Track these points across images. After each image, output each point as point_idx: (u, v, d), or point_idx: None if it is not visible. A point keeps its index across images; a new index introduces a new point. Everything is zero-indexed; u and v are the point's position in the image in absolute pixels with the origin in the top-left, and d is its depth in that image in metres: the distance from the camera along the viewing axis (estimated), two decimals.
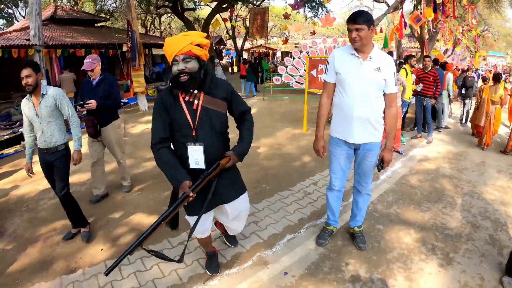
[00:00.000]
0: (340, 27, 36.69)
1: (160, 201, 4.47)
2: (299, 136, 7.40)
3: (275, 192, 4.57)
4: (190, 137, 2.25)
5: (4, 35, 11.16)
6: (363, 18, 2.63)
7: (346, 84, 2.81)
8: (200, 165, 2.27)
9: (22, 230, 3.94)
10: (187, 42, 2.13)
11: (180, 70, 2.13)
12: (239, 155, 2.38)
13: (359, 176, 3.18)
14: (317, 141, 3.07)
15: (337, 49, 3.01)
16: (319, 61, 7.18)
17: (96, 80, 4.22)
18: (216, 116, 2.30)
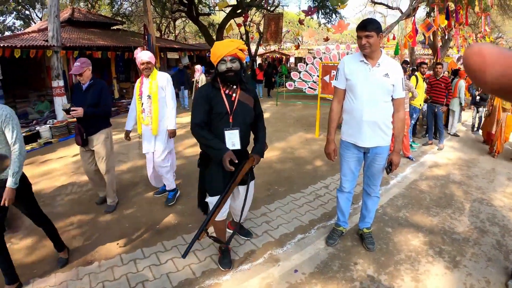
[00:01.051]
0: (353, 33, 36.65)
1: (177, 198, 4.59)
2: (312, 140, 7.51)
3: (287, 194, 4.67)
4: (227, 123, 2.67)
5: (22, 35, 11.43)
6: (372, 26, 2.75)
7: (356, 89, 2.92)
8: (236, 146, 2.71)
9: None
10: (234, 46, 2.61)
11: (228, 68, 2.60)
12: (260, 154, 2.86)
13: (368, 178, 3.27)
14: (328, 144, 3.18)
15: (346, 56, 3.13)
16: (332, 67, 7.27)
17: (86, 85, 4.00)
18: (248, 109, 2.77)
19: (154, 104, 4.12)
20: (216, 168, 2.78)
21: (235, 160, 2.52)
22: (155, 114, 4.13)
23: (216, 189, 2.80)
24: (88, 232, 3.85)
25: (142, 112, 4.20)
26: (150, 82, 4.12)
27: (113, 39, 14.65)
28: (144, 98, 4.15)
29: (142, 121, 4.22)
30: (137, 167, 5.95)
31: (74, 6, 17.04)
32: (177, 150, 6.90)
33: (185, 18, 26.76)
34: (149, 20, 10.64)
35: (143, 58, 4.04)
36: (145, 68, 4.07)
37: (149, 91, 4.12)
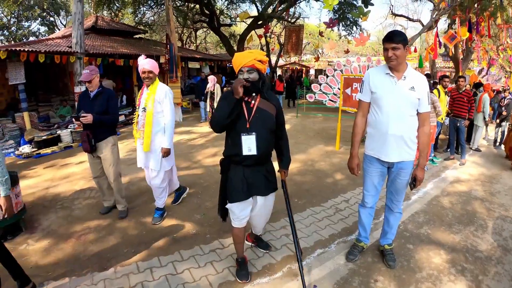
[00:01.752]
0: (374, 45, 36.56)
1: (193, 209, 4.56)
2: (332, 153, 7.42)
3: (307, 207, 4.59)
4: (245, 128, 2.67)
5: (47, 41, 11.67)
6: (399, 37, 2.70)
7: (381, 103, 2.86)
8: (252, 151, 2.69)
9: (56, 226, 4.11)
10: (252, 58, 2.66)
11: (245, 79, 2.63)
12: (287, 168, 3.02)
13: (391, 194, 3.18)
14: (352, 159, 3.10)
15: (371, 68, 3.10)
16: (353, 79, 7.19)
17: (93, 92, 4.03)
18: (268, 116, 2.75)
19: (148, 118, 3.88)
20: (236, 175, 2.79)
21: (246, 84, 2.58)
22: (147, 129, 3.89)
23: (235, 196, 2.79)
24: (104, 237, 3.83)
25: (137, 124, 4.02)
26: (148, 94, 3.93)
27: (135, 48, 14.85)
28: (141, 110, 3.95)
29: (135, 134, 4.05)
30: None
31: (98, 15, 17.35)
32: (196, 159, 6.97)
33: (207, 29, 27.06)
34: (172, 30, 10.73)
35: (145, 66, 3.85)
36: (146, 78, 3.88)
37: (145, 103, 3.90)
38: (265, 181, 2.88)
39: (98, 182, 4.40)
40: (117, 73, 14.78)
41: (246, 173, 2.79)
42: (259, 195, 2.90)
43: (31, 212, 4.45)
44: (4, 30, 28.07)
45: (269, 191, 2.93)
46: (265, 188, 2.88)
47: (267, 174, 2.90)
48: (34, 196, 5.10)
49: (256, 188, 2.84)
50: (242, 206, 2.85)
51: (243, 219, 2.92)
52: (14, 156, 7.76)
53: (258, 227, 3.29)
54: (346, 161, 6.19)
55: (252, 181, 2.80)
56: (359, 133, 3.08)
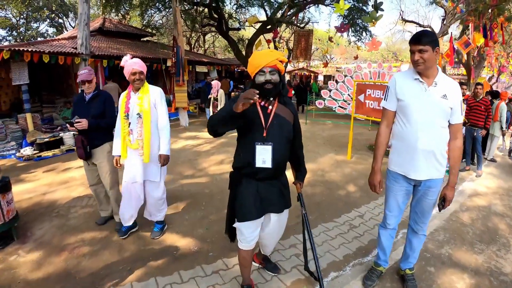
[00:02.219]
0: (383, 52, 36.28)
1: (195, 222, 4.25)
2: (343, 163, 7.06)
3: (318, 222, 4.25)
4: (260, 137, 2.40)
5: (52, 42, 11.52)
6: (427, 38, 2.38)
7: (409, 112, 2.54)
8: (267, 164, 2.41)
9: (50, 236, 3.87)
10: (275, 57, 2.37)
11: (267, 80, 2.36)
12: (303, 180, 2.82)
13: (416, 215, 2.85)
14: (374, 174, 2.78)
15: (397, 73, 2.76)
16: (367, 85, 6.87)
17: (89, 95, 3.78)
18: (285, 123, 2.50)
19: (145, 124, 3.48)
20: (249, 189, 2.50)
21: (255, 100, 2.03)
22: (147, 137, 3.50)
23: (246, 214, 2.49)
24: (99, 251, 3.55)
25: (129, 134, 3.53)
26: (140, 98, 3.49)
27: (142, 50, 14.72)
28: (133, 117, 3.49)
29: (129, 145, 3.53)
30: None
31: (105, 16, 17.27)
32: (202, 167, 6.67)
33: (215, 33, 27.00)
34: (179, 32, 10.52)
35: (135, 67, 3.41)
36: (137, 80, 3.45)
37: (139, 108, 3.46)
38: (280, 196, 2.60)
39: (95, 190, 4.12)
40: (123, 76, 14.61)
41: (260, 187, 2.50)
42: (273, 212, 2.61)
43: (25, 219, 4.24)
44: (13, 31, 28.30)
45: (284, 208, 2.66)
46: (280, 204, 2.60)
47: (282, 188, 2.62)
48: (30, 201, 4.89)
49: (270, 205, 2.56)
50: (254, 225, 2.55)
51: (253, 240, 2.61)
52: (15, 158, 7.62)
53: (269, 247, 2.97)
54: (358, 171, 5.87)
55: (266, 197, 2.52)
56: (383, 145, 2.77)
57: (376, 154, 2.78)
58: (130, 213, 3.73)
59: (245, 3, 18.02)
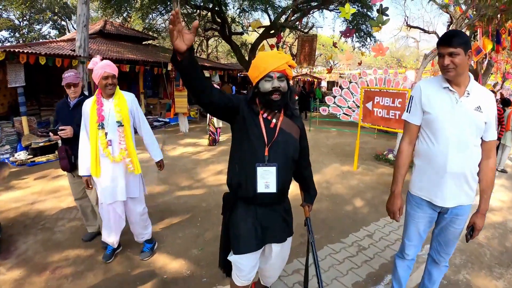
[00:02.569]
0: (387, 58, 35.99)
1: (189, 240, 3.89)
2: (349, 174, 6.69)
3: (324, 243, 3.87)
4: (261, 157, 2.02)
5: (50, 43, 11.32)
6: (459, 40, 2.00)
7: (438, 127, 2.16)
8: (271, 188, 2.03)
9: (32, 253, 3.60)
10: (284, 61, 2.00)
11: (275, 88, 1.97)
12: (312, 202, 2.43)
13: (439, 244, 2.48)
14: (394, 199, 2.38)
15: (423, 80, 2.35)
16: (375, 93, 6.53)
17: (74, 101, 3.42)
18: (291, 141, 2.12)
19: (127, 133, 3.13)
20: (245, 218, 2.11)
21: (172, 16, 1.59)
22: (131, 146, 3.16)
23: (243, 246, 2.08)
24: (83, 273, 3.23)
25: (108, 145, 3.07)
26: (118, 104, 3.10)
27: (143, 54, 14.51)
28: (111, 126, 3.07)
29: (110, 158, 3.07)
30: (154, 195, 5.31)
31: (106, 19, 17.10)
32: (200, 177, 6.34)
33: (218, 37, 26.80)
34: None
35: (107, 70, 3.00)
36: (109, 85, 3.02)
37: (119, 116, 3.08)
38: (283, 224, 2.22)
39: (80, 205, 3.78)
40: (123, 80, 14.47)
41: (260, 214, 2.12)
42: (275, 243, 2.23)
43: (10, 232, 4.01)
44: (15, 32, 28.30)
45: (286, 237, 2.27)
46: (282, 234, 2.22)
47: (284, 214, 2.23)
48: (17, 211, 4.64)
49: (272, 235, 2.18)
50: (252, 258, 2.16)
51: (251, 275, 2.23)
52: (9, 162, 7.38)
53: (271, 278, 2.59)
54: (365, 183, 5.50)
55: (268, 225, 2.14)
56: (405, 165, 2.37)
57: (396, 175, 2.39)
58: (112, 239, 3.36)
59: (249, 7, 17.79)
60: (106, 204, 3.17)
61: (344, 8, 9.21)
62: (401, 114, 6.03)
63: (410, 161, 2.40)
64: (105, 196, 3.15)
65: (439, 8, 16.07)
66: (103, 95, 3.10)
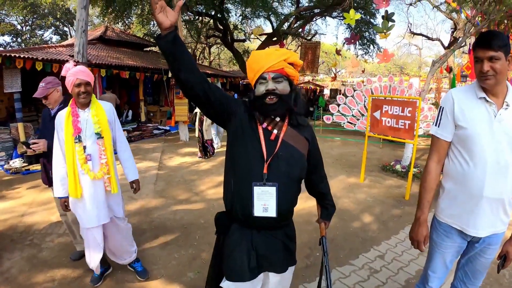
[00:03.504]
0: (389, 65, 35.86)
1: (185, 262, 3.58)
2: (355, 186, 6.37)
3: (332, 266, 3.53)
4: (259, 174, 1.70)
5: (49, 48, 11.16)
6: (500, 42, 1.69)
7: (475, 145, 1.84)
8: (270, 212, 1.71)
9: (17, 271, 3.38)
10: (281, 58, 1.70)
11: (269, 90, 1.68)
12: (330, 219, 2.16)
13: (465, 275, 2.15)
14: (419, 227, 2.05)
15: (455, 89, 2.01)
16: (384, 101, 6.23)
17: (54, 110, 3.13)
18: (297, 156, 1.79)
19: (108, 146, 2.83)
20: (241, 242, 1.79)
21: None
22: (111, 161, 2.85)
23: (235, 274, 1.77)
24: None
25: (88, 161, 2.74)
26: (96, 114, 2.80)
27: (143, 60, 14.36)
28: (90, 139, 2.76)
29: (90, 174, 2.73)
30: (149, 209, 5.04)
31: (107, 25, 17.01)
32: (198, 190, 6.06)
33: (220, 45, 26.73)
34: None
35: (80, 76, 2.68)
36: (82, 93, 2.69)
37: (97, 127, 2.78)
38: (284, 252, 1.88)
39: (66, 221, 3.47)
40: (122, 86, 14.32)
41: (256, 239, 1.80)
42: (272, 272, 1.89)
43: None
44: (17, 37, 28.39)
45: (287, 266, 1.93)
46: (282, 262, 1.88)
47: (287, 241, 1.89)
48: (5, 224, 4.43)
49: (269, 264, 1.85)
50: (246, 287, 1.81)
51: None
52: (3, 170, 7.27)
53: None
54: (373, 197, 5.18)
55: (265, 253, 1.81)
56: (433, 188, 2.03)
57: (422, 200, 2.06)
58: (92, 264, 3.01)
59: (251, 14, 17.72)
60: (88, 228, 2.84)
61: (348, 14, 9.03)
62: (411, 124, 5.75)
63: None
64: (88, 219, 2.80)
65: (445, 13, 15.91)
66: (78, 105, 2.78)
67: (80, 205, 2.79)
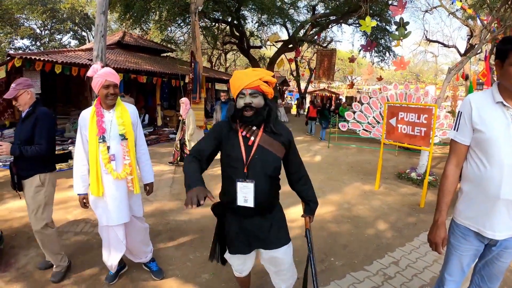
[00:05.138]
0: (405, 73, 35.58)
1: (200, 263, 3.60)
2: (370, 194, 6.32)
3: (346, 271, 3.52)
4: (241, 173, 2.15)
5: (68, 52, 11.40)
6: None
7: (492, 149, 1.86)
8: (249, 203, 2.15)
9: (32, 267, 3.41)
10: (257, 77, 2.12)
11: (246, 104, 2.10)
12: (313, 214, 2.44)
13: (481, 279, 2.14)
14: (437, 229, 2.06)
15: (474, 94, 2.03)
16: (400, 108, 6.19)
17: (23, 113, 3.00)
18: (271, 158, 2.21)
19: (131, 147, 2.91)
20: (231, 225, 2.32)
21: (200, 201, 1.81)
22: (134, 162, 2.94)
23: (232, 248, 2.35)
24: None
25: (111, 160, 2.82)
26: (120, 116, 2.87)
27: (161, 65, 14.53)
28: (114, 140, 2.83)
29: (113, 174, 2.81)
30: (165, 211, 5.09)
31: (125, 30, 17.26)
32: (214, 194, 5.88)
33: (236, 51, 26.93)
34: (197, 47, 10.18)
35: (109, 78, 2.74)
36: (111, 95, 2.77)
37: (122, 128, 2.84)
38: (271, 231, 2.30)
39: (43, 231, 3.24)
40: (139, 91, 14.50)
41: (244, 224, 2.27)
42: (262, 249, 2.34)
43: (12, 243, 3.85)
44: (36, 41, 29.03)
45: (276, 245, 2.31)
46: (268, 241, 2.29)
47: (273, 221, 2.32)
48: (21, 222, 4.48)
49: (257, 240, 2.30)
50: (241, 259, 2.42)
51: (244, 271, 2.51)
52: None
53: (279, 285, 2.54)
54: (388, 205, 5.13)
55: (253, 233, 2.28)
56: (451, 191, 2.05)
57: (440, 203, 2.08)
58: (110, 262, 3.08)
59: (267, 21, 17.83)
60: (110, 226, 2.90)
61: (364, 22, 9.05)
62: (427, 131, 5.69)
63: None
64: (109, 218, 2.87)
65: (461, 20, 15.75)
66: (103, 106, 2.84)
67: (101, 203, 2.85)
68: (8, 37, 26.99)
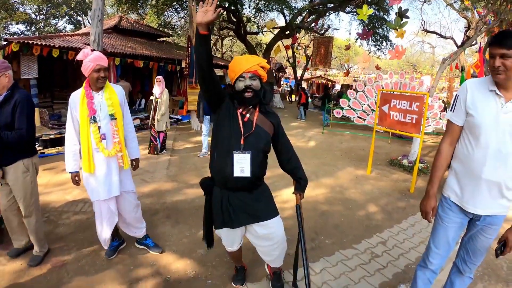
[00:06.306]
0: (402, 63, 35.63)
1: (196, 240, 3.74)
2: (363, 178, 6.47)
3: (336, 249, 3.69)
4: (238, 146, 2.31)
5: (65, 37, 11.35)
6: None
7: (479, 132, 2.03)
8: (246, 173, 2.31)
9: None
10: (256, 63, 2.32)
11: (247, 86, 2.29)
12: (303, 191, 2.58)
13: (466, 253, 2.32)
14: (428, 199, 2.26)
15: (471, 79, 2.18)
16: (393, 95, 6.31)
17: (1, 97, 2.87)
18: (264, 134, 2.40)
19: (120, 126, 3.06)
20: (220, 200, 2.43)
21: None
22: (123, 140, 3.09)
23: (218, 223, 2.48)
24: (84, 268, 3.14)
25: (102, 139, 2.95)
26: (108, 98, 2.98)
27: (157, 50, 14.47)
28: (104, 120, 2.95)
29: (104, 152, 2.95)
30: (161, 192, 5.22)
31: (122, 15, 17.12)
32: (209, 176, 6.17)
33: (233, 37, 26.81)
34: (194, 32, 10.14)
35: (101, 62, 2.86)
36: (101, 78, 2.89)
37: (110, 109, 2.97)
38: (258, 205, 2.45)
39: (7, 217, 3.23)
40: (136, 75, 14.48)
41: (232, 198, 2.40)
42: (249, 223, 2.48)
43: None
44: (32, 26, 28.66)
45: (266, 217, 2.47)
46: (260, 213, 2.45)
47: (259, 195, 2.48)
48: None
49: (245, 215, 2.43)
50: (229, 233, 2.56)
51: (234, 245, 2.67)
52: None
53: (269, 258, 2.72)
54: (380, 189, 5.30)
55: (239, 208, 2.41)
56: (443, 167, 2.25)
57: (432, 176, 2.27)
58: (104, 235, 3.19)
59: (264, 7, 17.76)
60: (101, 200, 3.05)
61: (361, 10, 9.07)
62: (418, 119, 5.83)
63: None
64: (100, 192, 3.02)
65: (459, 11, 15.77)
66: (93, 88, 2.96)
67: (93, 179, 3.02)
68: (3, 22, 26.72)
